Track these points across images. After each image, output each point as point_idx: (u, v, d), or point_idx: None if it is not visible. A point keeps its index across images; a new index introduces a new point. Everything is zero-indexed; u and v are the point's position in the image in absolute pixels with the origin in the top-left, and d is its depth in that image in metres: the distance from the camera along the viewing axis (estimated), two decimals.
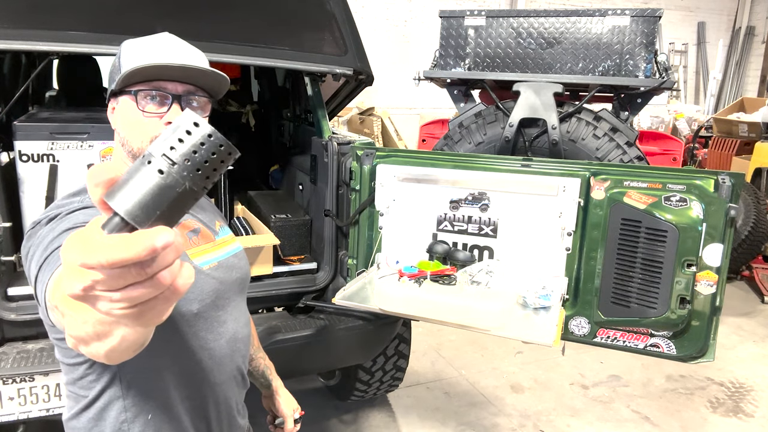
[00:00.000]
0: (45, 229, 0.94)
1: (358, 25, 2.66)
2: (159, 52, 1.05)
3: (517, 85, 3.24)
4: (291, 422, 1.47)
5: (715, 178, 1.79)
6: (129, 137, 1.06)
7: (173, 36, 1.10)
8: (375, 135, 7.35)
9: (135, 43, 1.08)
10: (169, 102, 1.04)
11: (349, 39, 2.54)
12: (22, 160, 2.08)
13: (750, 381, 3.68)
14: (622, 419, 3.21)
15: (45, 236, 0.91)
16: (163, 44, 1.07)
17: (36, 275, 0.86)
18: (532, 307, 1.87)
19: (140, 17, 2.19)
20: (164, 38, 1.09)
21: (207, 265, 1.12)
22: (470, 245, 2.13)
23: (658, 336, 1.91)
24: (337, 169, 2.37)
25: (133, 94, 1.03)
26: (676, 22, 11.53)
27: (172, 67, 1.03)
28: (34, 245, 0.92)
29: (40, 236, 0.92)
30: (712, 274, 1.79)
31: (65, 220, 0.95)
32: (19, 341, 2.00)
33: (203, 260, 1.12)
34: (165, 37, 1.09)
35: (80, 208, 0.99)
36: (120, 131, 1.08)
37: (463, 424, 3.09)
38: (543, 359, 3.80)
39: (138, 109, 1.03)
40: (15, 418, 1.88)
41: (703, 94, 11.82)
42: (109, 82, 1.10)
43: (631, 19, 3.10)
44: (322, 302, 2.43)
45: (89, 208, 0.99)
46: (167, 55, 1.04)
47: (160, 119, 1.03)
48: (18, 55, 2.79)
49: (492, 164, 2.09)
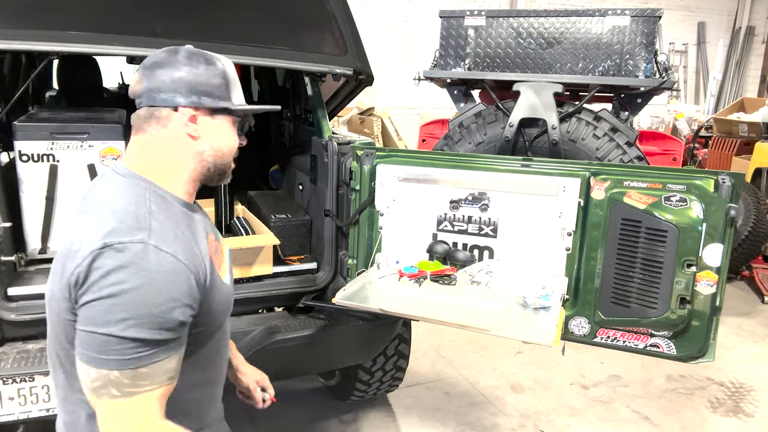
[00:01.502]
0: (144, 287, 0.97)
1: (358, 25, 2.66)
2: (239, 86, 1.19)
3: (517, 85, 3.24)
4: (257, 393, 1.59)
5: (715, 178, 1.79)
6: (225, 149, 1.18)
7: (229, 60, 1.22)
8: (375, 135, 7.35)
9: (230, 68, 1.17)
10: (239, 127, 1.22)
11: (349, 39, 2.54)
12: (22, 160, 2.08)
13: (750, 381, 3.68)
14: (622, 419, 3.21)
15: (149, 301, 0.97)
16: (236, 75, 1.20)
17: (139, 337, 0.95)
18: (532, 307, 1.87)
19: (140, 17, 2.19)
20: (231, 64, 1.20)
21: (227, 279, 1.20)
22: (470, 245, 2.13)
23: (658, 336, 1.91)
24: (337, 169, 2.37)
25: (236, 124, 1.19)
26: (676, 22, 11.53)
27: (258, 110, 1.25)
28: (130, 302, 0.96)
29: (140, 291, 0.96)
30: (712, 274, 1.79)
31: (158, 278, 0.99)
32: (19, 341, 2.00)
33: (224, 274, 1.18)
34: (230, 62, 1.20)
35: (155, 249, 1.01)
36: (214, 144, 1.15)
37: (463, 424, 3.09)
38: (543, 359, 3.80)
39: (236, 134, 1.19)
40: (15, 418, 1.88)
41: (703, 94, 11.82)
42: (203, 92, 1.12)
43: (631, 19, 3.10)
44: (322, 302, 2.43)
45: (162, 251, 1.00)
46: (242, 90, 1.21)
47: (238, 140, 1.22)
48: (18, 55, 2.79)
49: (492, 164, 2.09)
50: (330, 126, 2.61)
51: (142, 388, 0.97)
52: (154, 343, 0.97)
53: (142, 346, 0.96)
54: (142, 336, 0.95)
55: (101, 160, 2.15)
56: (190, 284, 1.01)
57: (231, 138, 1.18)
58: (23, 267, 2.16)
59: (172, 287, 0.99)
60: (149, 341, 0.96)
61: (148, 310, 0.95)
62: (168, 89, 1.09)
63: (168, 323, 0.98)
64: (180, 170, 1.14)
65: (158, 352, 0.98)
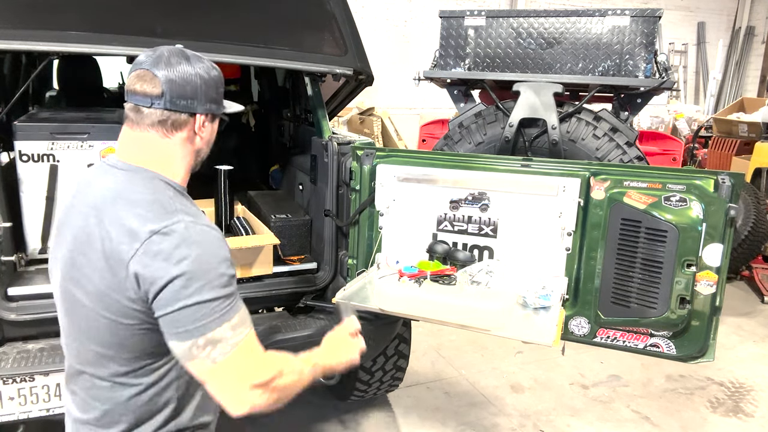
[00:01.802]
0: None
1: (358, 25, 2.66)
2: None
3: (517, 85, 3.24)
4: None
5: (715, 178, 1.79)
6: (207, 146, 1.30)
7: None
8: (375, 135, 7.35)
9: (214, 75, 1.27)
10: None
11: (349, 39, 2.54)
12: (22, 160, 2.08)
13: (750, 381, 3.68)
14: (622, 419, 3.22)
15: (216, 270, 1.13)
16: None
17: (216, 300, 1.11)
18: (532, 307, 1.88)
19: (140, 17, 2.19)
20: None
21: None
22: (470, 245, 2.13)
23: (658, 336, 1.91)
24: (337, 169, 2.37)
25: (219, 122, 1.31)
26: (676, 22, 11.53)
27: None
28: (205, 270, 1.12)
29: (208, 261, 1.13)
30: (712, 274, 1.79)
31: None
32: (19, 341, 2.00)
33: None
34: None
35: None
36: (208, 142, 1.29)
37: (463, 424, 3.09)
38: (543, 359, 3.80)
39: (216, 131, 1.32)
40: (15, 418, 1.88)
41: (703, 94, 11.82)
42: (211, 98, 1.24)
43: (631, 19, 3.10)
44: (322, 302, 2.43)
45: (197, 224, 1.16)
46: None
47: None
48: (18, 55, 2.78)
49: (492, 164, 2.09)
50: (330, 126, 2.61)
51: (241, 334, 1.13)
52: (230, 297, 1.13)
53: (223, 301, 1.11)
54: (219, 294, 1.10)
55: (101, 159, 2.15)
56: (227, 245, 1.18)
57: (215, 133, 1.32)
58: (23, 267, 2.16)
59: (220, 250, 1.15)
60: (226, 296, 1.12)
61: (214, 272, 1.11)
62: (189, 96, 1.19)
63: (229, 279, 1.14)
64: (182, 164, 1.25)
65: (235, 303, 1.14)
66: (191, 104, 1.20)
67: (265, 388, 1.14)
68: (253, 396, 1.13)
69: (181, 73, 1.19)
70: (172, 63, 1.19)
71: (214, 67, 1.26)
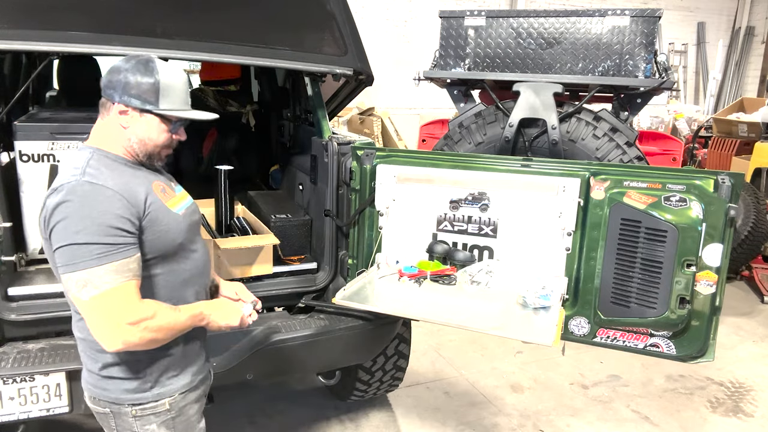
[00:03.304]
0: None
1: (358, 25, 2.66)
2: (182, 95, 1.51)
3: (517, 85, 3.24)
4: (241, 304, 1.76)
5: (714, 178, 1.79)
6: (147, 142, 1.48)
7: (174, 67, 1.52)
8: (375, 135, 7.35)
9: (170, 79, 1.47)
10: (179, 125, 1.54)
11: (349, 39, 2.54)
12: (22, 160, 2.08)
13: (750, 381, 3.68)
14: (622, 419, 3.22)
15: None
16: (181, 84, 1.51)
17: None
18: (532, 307, 1.88)
19: (140, 17, 2.19)
20: (184, 81, 1.53)
21: (180, 210, 1.54)
22: (470, 245, 2.13)
23: (657, 336, 1.91)
24: (337, 169, 2.37)
25: (171, 123, 1.49)
26: (676, 22, 11.53)
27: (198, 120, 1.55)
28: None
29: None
30: (712, 274, 1.80)
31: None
32: (19, 341, 2.00)
33: (176, 208, 1.53)
34: (184, 80, 1.53)
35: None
36: (138, 134, 1.47)
37: (463, 424, 3.10)
38: (543, 359, 3.81)
39: (167, 131, 1.50)
40: (15, 418, 1.88)
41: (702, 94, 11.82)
42: (133, 94, 1.44)
43: (630, 19, 3.11)
44: (322, 302, 2.43)
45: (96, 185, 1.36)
46: (186, 98, 1.53)
47: (170, 134, 1.51)
48: (18, 55, 2.78)
49: (492, 164, 2.09)
50: (330, 126, 2.61)
51: (115, 281, 1.31)
52: (108, 246, 1.31)
53: (100, 247, 1.30)
54: (95, 240, 1.30)
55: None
56: (123, 203, 1.35)
57: (156, 133, 1.48)
58: (23, 267, 2.16)
59: (104, 203, 1.33)
60: (103, 243, 1.30)
61: (91, 220, 1.30)
62: (111, 87, 1.45)
63: (110, 230, 1.31)
64: (116, 144, 1.48)
65: (114, 252, 1.32)
66: (112, 93, 1.45)
67: (136, 327, 1.32)
68: (124, 333, 1.32)
69: (117, 69, 1.45)
70: (118, 62, 1.47)
71: (158, 73, 1.44)
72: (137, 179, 1.46)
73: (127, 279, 1.34)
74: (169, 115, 1.48)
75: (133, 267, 1.36)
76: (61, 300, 1.98)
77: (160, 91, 1.45)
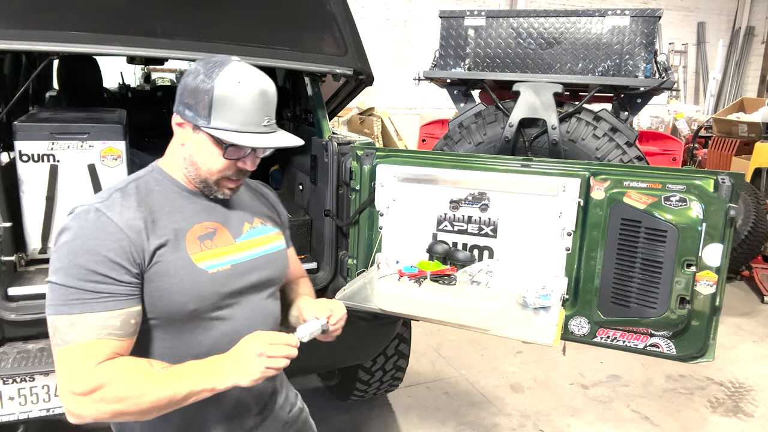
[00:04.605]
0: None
1: (358, 25, 2.66)
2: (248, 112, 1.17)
3: (517, 85, 3.24)
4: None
5: (714, 178, 1.79)
6: (202, 167, 1.21)
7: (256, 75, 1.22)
8: (375, 135, 7.35)
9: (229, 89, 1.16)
10: (248, 152, 1.21)
11: (349, 39, 2.54)
12: (22, 160, 2.08)
13: (750, 381, 3.68)
14: (622, 419, 3.22)
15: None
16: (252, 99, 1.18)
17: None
18: (532, 307, 1.88)
19: (140, 17, 2.19)
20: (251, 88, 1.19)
21: (214, 268, 1.21)
22: (470, 245, 2.13)
23: (657, 336, 1.91)
24: (337, 169, 2.37)
25: (222, 147, 1.18)
26: (676, 22, 11.54)
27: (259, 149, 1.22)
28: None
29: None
30: (712, 274, 1.79)
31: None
32: (19, 341, 2.00)
33: (210, 264, 1.20)
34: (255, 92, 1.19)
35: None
36: (192, 154, 1.21)
37: (463, 424, 3.10)
38: (543, 359, 3.81)
39: (221, 155, 1.19)
40: (15, 418, 1.88)
41: (702, 94, 11.82)
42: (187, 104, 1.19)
43: (630, 19, 3.10)
44: None
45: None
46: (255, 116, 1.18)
47: (236, 162, 1.21)
48: (18, 55, 2.79)
49: (492, 164, 2.09)
50: (330, 126, 2.61)
51: (78, 338, 1.06)
52: (86, 293, 1.07)
53: (76, 293, 1.06)
54: (71, 283, 1.07)
55: (101, 160, 2.15)
56: (122, 244, 1.10)
57: (209, 156, 1.20)
58: (23, 267, 2.16)
59: (97, 240, 1.09)
60: (80, 289, 1.07)
61: (74, 260, 1.07)
62: (178, 90, 1.21)
63: (92, 274, 1.07)
64: (176, 164, 1.25)
65: (92, 301, 1.07)
66: (176, 101, 1.21)
67: (87, 398, 1.04)
68: (74, 404, 1.05)
69: (188, 70, 1.23)
70: (193, 63, 1.24)
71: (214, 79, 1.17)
72: (177, 215, 1.20)
73: (98, 337, 1.07)
74: (219, 138, 1.16)
75: (114, 324, 1.08)
76: None
77: (213, 103, 1.16)
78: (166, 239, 1.15)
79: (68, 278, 1.07)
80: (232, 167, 1.21)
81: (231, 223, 1.28)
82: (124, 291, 1.10)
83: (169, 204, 1.20)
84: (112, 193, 1.17)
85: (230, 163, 1.20)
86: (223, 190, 1.24)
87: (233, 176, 1.23)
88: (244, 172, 1.24)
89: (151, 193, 1.20)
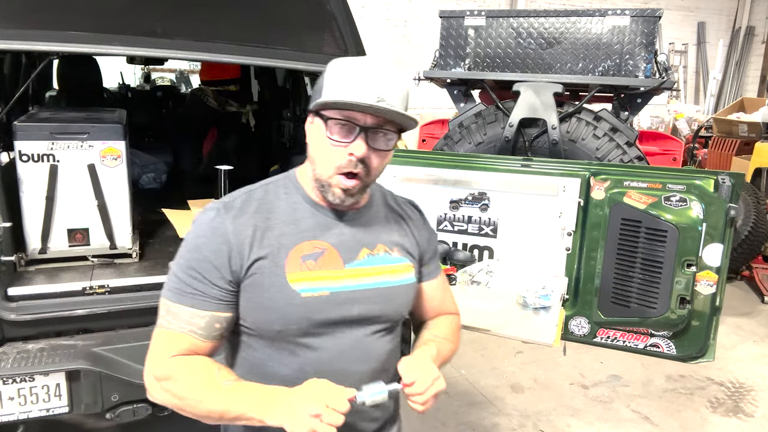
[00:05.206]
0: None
1: (358, 25, 2.66)
2: (358, 83, 1.05)
3: (517, 85, 3.24)
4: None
5: (715, 178, 1.79)
6: (316, 159, 1.12)
7: (379, 63, 1.10)
8: None
9: (340, 66, 1.10)
10: (356, 133, 1.06)
11: (349, 39, 2.54)
12: (22, 160, 2.08)
13: (750, 381, 3.68)
14: (622, 419, 3.21)
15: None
16: (365, 73, 1.07)
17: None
18: (532, 307, 1.88)
19: (140, 17, 2.19)
20: (368, 66, 1.09)
21: (309, 292, 1.10)
22: (470, 245, 2.13)
23: (658, 336, 1.91)
24: None
25: (324, 120, 1.08)
26: (676, 22, 11.53)
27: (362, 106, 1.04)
28: None
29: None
30: (712, 274, 1.79)
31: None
32: (19, 341, 1.99)
33: (305, 286, 1.11)
34: (369, 65, 1.09)
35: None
36: (311, 149, 1.14)
37: (463, 424, 3.09)
38: (543, 359, 3.80)
39: (326, 135, 1.07)
40: (15, 418, 1.88)
41: (703, 94, 11.82)
42: (312, 95, 1.13)
43: (631, 19, 3.11)
44: None
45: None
46: (365, 88, 1.04)
47: (345, 148, 1.07)
48: (18, 55, 2.78)
49: (492, 164, 2.09)
50: None
51: (170, 324, 1.10)
52: (184, 284, 1.10)
53: (177, 283, 1.11)
54: (177, 273, 1.12)
55: (101, 160, 2.15)
56: (223, 249, 1.09)
57: (319, 143, 1.10)
58: (23, 267, 2.16)
59: (204, 241, 1.11)
60: (181, 280, 1.10)
61: (185, 252, 1.12)
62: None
63: (191, 270, 1.10)
64: (307, 168, 1.18)
65: (187, 295, 1.10)
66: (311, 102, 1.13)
67: (159, 384, 1.07)
68: (150, 384, 1.09)
69: None
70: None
71: (340, 60, 1.12)
72: (291, 227, 1.13)
73: (182, 330, 1.09)
74: (319, 103, 1.06)
75: (198, 323, 1.09)
76: (61, 300, 1.98)
77: (324, 82, 1.09)
78: (267, 252, 1.10)
79: (178, 267, 1.12)
80: (341, 155, 1.07)
81: (345, 246, 1.16)
82: (215, 294, 1.09)
83: (289, 215, 1.14)
84: (241, 195, 1.16)
85: (338, 149, 1.07)
86: (334, 189, 1.10)
87: (345, 168, 1.07)
88: (358, 166, 1.08)
89: (276, 201, 1.15)
